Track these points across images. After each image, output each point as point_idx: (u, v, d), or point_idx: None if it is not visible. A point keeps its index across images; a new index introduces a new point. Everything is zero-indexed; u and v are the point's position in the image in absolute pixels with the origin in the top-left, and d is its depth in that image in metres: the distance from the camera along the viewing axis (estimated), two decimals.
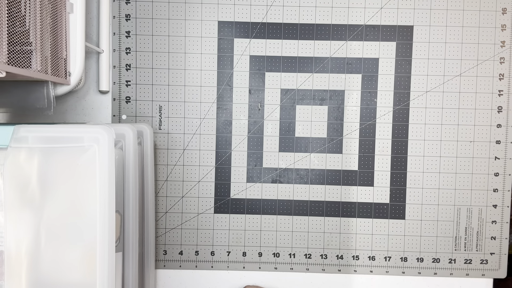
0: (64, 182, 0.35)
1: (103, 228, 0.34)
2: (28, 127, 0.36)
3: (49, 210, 0.35)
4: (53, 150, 0.35)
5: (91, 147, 0.35)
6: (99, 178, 0.34)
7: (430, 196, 0.51)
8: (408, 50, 0.50)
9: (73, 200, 0.34)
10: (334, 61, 0.50)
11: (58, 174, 0.35)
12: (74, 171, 0.35)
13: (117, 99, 0.51)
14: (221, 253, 0.52)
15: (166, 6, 0.50)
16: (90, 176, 0.34)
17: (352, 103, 0.51)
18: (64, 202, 0.35)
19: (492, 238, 0.51)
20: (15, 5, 0.34)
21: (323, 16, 0.50)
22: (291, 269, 0.52)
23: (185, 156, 0.51)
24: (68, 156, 0.35)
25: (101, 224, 0.34)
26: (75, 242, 0.32)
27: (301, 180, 0.51)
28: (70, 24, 0.43)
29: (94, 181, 0.34)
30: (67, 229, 0.34)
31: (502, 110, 0.50)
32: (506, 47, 0.50)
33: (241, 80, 0.51)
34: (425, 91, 0.50)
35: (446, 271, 0.52)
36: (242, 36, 0.50)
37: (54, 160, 0.35)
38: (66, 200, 0.35)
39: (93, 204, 0.34)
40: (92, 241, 0.34)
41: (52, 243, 0.35)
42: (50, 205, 0.35)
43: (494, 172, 0.51)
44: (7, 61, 0.33)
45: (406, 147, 0.51)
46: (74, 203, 0.34)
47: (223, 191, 0.51)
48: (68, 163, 0.35)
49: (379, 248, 0.51)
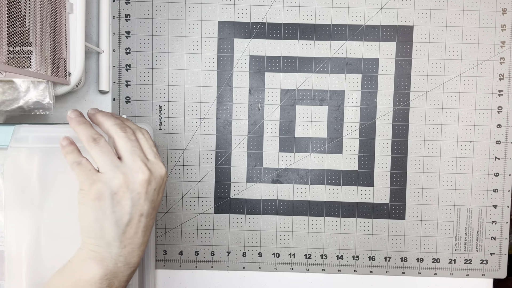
0: (64, 182, 0.35)
1: None
2: (28, 127, 0.36)
3: (49, 210, 0.35)
4: (53, 150, 0.35)
5: None
6: None
7: (430, 196, 0.51)
8: (408, 50, 0.50)
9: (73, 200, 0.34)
10: (334, 61, 0.50)
11: (58, 174, 0.35)
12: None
13: (117, 99, 0.51)
14: (221, 253, 0.52)
15: (166, 6, 0.50)
16: None
17: (352, 103, 0.51)
18: (64, 202, 0.35)
19: (492, 238, 0.51)
20: (15, 5, 0.34)
21: (323, 16, 0.50)
22: (291, 269, 0.52)
23: (185, 156, 0.51)
24: None
25: None
26: (75, 242, 0.32)
27: (301, 180, 0.51)
28: (70, 24, 0.43)
29: None
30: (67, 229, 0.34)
31: (502, 110, 0.51)
32: (506, 47, 0.50)
33: (241, 80, 0.51)
34: (425, 91, 0.50)
35: (446, 271, 0.52)
36: (242, 36, 0.50)
37: (54, 160, 0.35)
38: (66, 200, 0.35)
39: None
40: None
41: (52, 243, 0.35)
42: (50, 205, 0.35)
43: (494, 172, 0.51)
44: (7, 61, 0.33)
45: (406, 147, 0.51)
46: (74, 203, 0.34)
47: (223, 191, 0.51)
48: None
49: (379, 248, 0.51)
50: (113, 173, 0.31)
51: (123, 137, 0.32)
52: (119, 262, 0.30)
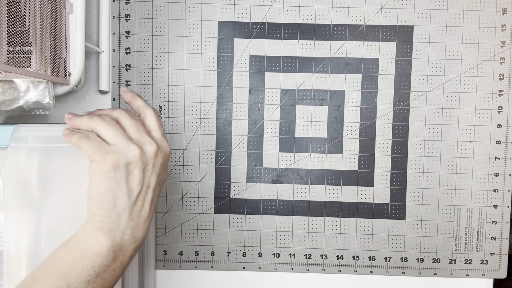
0: (64, 182, 0.35)
1: None
2: (28, 127, 0.36)
3: (49, 209, 0.35)
4: (53, 150, 0.35)
5: None
6: None
7: (430, 196, 0.51)
8: (408, 50, 0.50)
9: (73, 199, 0.34)
10: (334, 61, 0.50)
11: (58, 173, 0.35)
12: (74, 170, 0.35)
13: (117, 99, 0.51)
14: (221, 253, 0.52)
15: (166, 6, 0.50)
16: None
17: (352, 103, 0.51)
18: (64, 202, 0.35)
19: (493, 238, 0.51)
20: (15, 5, 0.34)
21: (323, 16, 0.50)
22: (291, 269, 0.52)
23: (185, 156, 0.51)
24: (68, 156, 0.35)
25: None
26: None
27: (301, 180, 0.51)
28: (70, 24, 0.43)
29: None
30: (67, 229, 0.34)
31: (502, 110, 0.50)
32: (506, 47, 0.50)
33: (241, 80, 0.50)
34: (425, 91, 0.50)
35: (446, 272, 0.52)
36: (242, 36, 0.50)
37: (54, 159, 0.35)
38: (66, 199, 0.35)
39: None
40: None
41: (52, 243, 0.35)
42: (50, 204, 0.35)
43: (494, 172, 0.51)
44: (7, 61, 0.33)
45: (406, 147, 0.51)
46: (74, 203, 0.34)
47: (223, 191, 0.51)
48: (68, 162, 0.35)
49: (379, 248, 0.51)
50: (126, 144, 0.31)
51: (127, 116, 0.34)
52: (126, 234, 0.30)
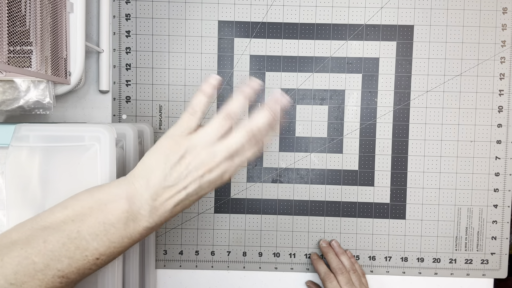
0: (65, 181, 0.35)
1: None
2: (29, 126, 0.36)
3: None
4: (54, 149, 0.35)
5: (93, 146, 0.35)
6: (100, 177, 0.34)
7: (430, 196, 0.51)
8: (409, 49, 0.50)
9: None
10: (335, 60, 0.50)
11: (59, 173, 0.35)
12: (75, 170, 0.35)
13: (117, 98, 0.51)
14: (221, 253, 0.52)
15: (166, 6, 0.50)
16: (91, 175, 0.34)
17: (352, 103, 0.51)
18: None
19: (493, 238, 0.51)
20: (15, 5, 0.34)
21: (323, 16, 0.50)
22: (292, 269, 0.52)
23: None
24: (69, 155, 0.35)
25: None
26: None
27: (301, 180, 0.51)
28: (70, 23, 0.43)
29: (95, 180, 0.34)
30: None
31: (502, 109, 0.50)
32: (506, 47, 0.50)
33: (241, 80, 0.50)
34: (426, 91, 0.50)
35: (446, 271, 0.52)
36: (242, 36, 0.50)
37: (55, 159, 0.35)
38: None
39: None
40: None
41: None
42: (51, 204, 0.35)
43: (494, 172, 0.51)
44: (7, 60, 0.33)
45: (407, 147, 0.51)
46: None
47: (223, 191, 0.51)
48: (69, 162, 0.35)
49: (379, 248, 0.51)
50: (201, 149, 0.31)
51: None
52: (142, 209, 0.31)
